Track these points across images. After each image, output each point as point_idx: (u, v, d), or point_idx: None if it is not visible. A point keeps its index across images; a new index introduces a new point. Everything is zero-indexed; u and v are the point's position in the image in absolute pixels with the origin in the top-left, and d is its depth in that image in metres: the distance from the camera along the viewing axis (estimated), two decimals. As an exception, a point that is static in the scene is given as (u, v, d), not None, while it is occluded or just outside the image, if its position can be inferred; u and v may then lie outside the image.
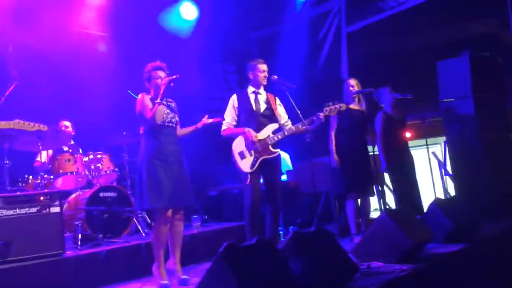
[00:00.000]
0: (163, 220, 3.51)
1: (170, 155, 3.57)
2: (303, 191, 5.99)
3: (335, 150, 4.79)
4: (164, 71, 3.70)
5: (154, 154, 3.52)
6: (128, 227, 4.71)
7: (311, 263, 2.64)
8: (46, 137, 4.48)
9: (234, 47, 8.21)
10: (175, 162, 3.59)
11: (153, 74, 3.68)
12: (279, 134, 4.18)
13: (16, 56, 5.55)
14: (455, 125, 5.54)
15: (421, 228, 3.84)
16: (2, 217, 3.68)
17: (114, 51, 6.33)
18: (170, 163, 3.55)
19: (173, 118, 3.68)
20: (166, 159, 3.54)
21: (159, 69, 3.70)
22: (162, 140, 3.57)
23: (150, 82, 3.71)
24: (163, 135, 3.59)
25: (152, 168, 3.49)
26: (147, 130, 3.61)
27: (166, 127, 3.61)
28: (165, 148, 3.56)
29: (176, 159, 3.60)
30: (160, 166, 3.50)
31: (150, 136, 3.59)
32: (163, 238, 3.55)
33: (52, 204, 3.86)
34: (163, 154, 3.53)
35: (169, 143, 3.60)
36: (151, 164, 3.50)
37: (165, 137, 3.59)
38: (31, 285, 3.52)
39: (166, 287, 3.48)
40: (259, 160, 4.12)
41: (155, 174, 3.47)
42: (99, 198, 4.58)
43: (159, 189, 3.45)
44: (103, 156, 5.06)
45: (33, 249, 3.71)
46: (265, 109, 4.28)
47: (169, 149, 3.58)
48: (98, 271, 3.89)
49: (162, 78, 3.65)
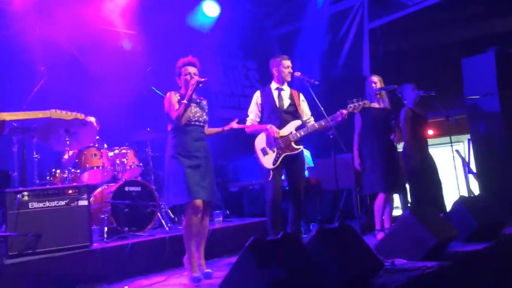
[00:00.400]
0: (194, 212, 3.50)
1: (197, 151, 3.57)
2: (324, 188, 5.99)
3: (358, 154, 4.78)
4: (196, 67, 3.70)
5: (181, 150, 3.54)
6: (152, 221, 4.78)
7: (336, 259, 2.66)
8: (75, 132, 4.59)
9: (255, 44, 8.23)
10: (202, 158, 3.59)
11: (183, 70, 3.67)
12: (302, 130, 4.19)
13: (43, 52, 5.67)
14: (480, 122, 5.48)
15: (445, 225, 3.81)
16: (32, 210, 3.78)
17: (138, 48, 6.41)
18: (197, 159, 3.56)
19: (201, 117, 3.68)
20: (193, 156, 3.55)
21: (189, 64, 3.68)
22: (188, 137, 3.58)
23: (180, 77, 3.71)
24: (190, 132, 3.60)
25: (179, 164, 3.50)
26: (174, 128, 3.63)
27: (193, 125, 3.62)
28: (191, 145, 3.57)
29: (203, 156, 3.60)
30: (186, 162, 3.51)
31: (177, 133, 3.61)
32: (194, 230, 3.55)
33: (80, 198, 3.95)
34: (190, 151, 3.55)
35: (196, 140, 3.60)
36: (177, 160, 3.52)
37: (192, 135, 3.60)
38: (59, 276, 3.61)
39: (197, 279, 3.47)
40: (281, 157, 4.13)
41: (181, 170, 3.48)
42: (124, 192, 4.66)
43: (186, 183, 3.45)
44: (128, 151, 5.15)
45: (62, 241, 3.80)
46: (288, 105, 4.28)
47: (195, 146, 3.59)
48: (123, 264, 3.97)
49: (192, 74, 3.64)
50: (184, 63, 3.68)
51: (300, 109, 4.32)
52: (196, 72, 3.68)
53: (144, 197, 4.78)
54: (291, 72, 4.33)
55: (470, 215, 4.08)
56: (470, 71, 5.58)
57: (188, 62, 3.68)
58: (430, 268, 3.17)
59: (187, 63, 3.68)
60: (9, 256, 3.58)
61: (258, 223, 5.19)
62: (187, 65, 3.67)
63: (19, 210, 3.71)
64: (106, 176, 5.03)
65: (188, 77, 3.63)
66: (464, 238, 4.00)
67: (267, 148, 4.17)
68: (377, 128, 4.77)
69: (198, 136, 3.64)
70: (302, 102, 4.38)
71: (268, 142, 4.18)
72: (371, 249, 3.06)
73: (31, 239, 3.68)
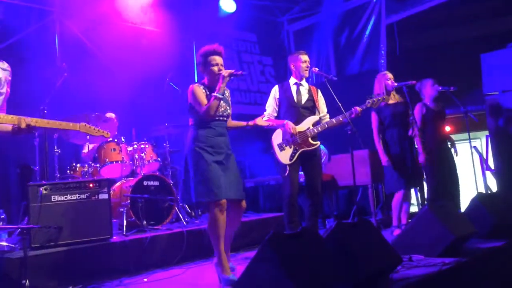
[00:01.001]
0: (220, 211, 3.28)
1: (220, 147, 3.40)
2: (340, 184, 5.99)
3: (383, 149, 4.75)
4: (222, 56, 3.46)
5: (204, 145, 3.35)
6: (170, 215, 4.84)
7: (355, 253, 2.68)
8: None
9: (271, 40, 8.24)
10: (226, 154, 3.42)
11: (210, 59, 3.41)
12: (319, 126, 4.19)
13: (64, 48, 5.77)
14: (499, 119, 5.42)
15: (463, 222, 3.80)
16: (55, 203, 3.86)
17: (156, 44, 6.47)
18: (219, 155, 3.38)
19: (225, 111, 3.48)
20: (217, 151, 3.37)
21: (216, 54, 3.43)
22: (212, 132, 3.40)
23: (205, 67, 3.45)
24: (214, 127, 3.41)
25: (201, 160, 3.31)
26: (197, 122, 3.43)
27: (217, 120, 3.43)
28: (215, 140, 3.39)
29: (225, 151, 3.42)
30: (210, 158, 3.32)
31: (200, 128, 3.40)
32: (221, 231, 3.30)
33: (101, 191, 4.02)
34: (213, 146, 3.37)
35: (219, 135, 3.43)
36: (200, 156, 3.32)
37: (216, 130, 3.42)
38: (80, 267, 3.69)
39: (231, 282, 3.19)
40: (298, 152, 4.15)
41: (204, 165, 3.30)
42: (143, 186, 4.72)
43: (208, 181, 3.26)
44: (146, 146, 5.22)
45: (83, 234, 3.88)
46: (306, 100, 4.30)
47: (219, 141, 3.41)
48: (142, 257, 4.03)
49: (220, 65, 3.42)
50: (211, 52, 3.43)
51: (318, 105, 4.33)
52: (222, 63, 3.45)
53: (162, 191, 4.83)
54: (308, 67, 4.34)
55: (488, 212, 4.06)
56: (489, 67, 5.52)
57: (214, 51, 3.43)
58: (447, 264, 3.16)
59: (213, 52, 3.43)
60: (32, 247, 3.66)
61: (274, 218, 5.22)
62: (214, 54, 3.42)
63: (42, 203, 3.79)
64: (125, 171, 5.10)
65: (216, 68, 3.41)
66: (482, 235, 3.98)
67: (283, 144, 4.19)
68: (393, 124, 4.76)
69: (221, 131, 3.46)
70: (320, 98, 4.39)
71: (284, 137, 4.20)
72: (389, 244, 3.07)
73: (53, 232, 3.77)
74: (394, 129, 4.78)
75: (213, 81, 3.44)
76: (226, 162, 3.39)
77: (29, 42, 5.50)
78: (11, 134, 2.84)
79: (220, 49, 3.45)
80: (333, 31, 7.76)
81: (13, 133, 2.82)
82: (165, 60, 6.07)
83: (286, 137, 4.19)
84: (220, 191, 3.26)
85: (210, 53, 3.43)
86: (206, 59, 3.43)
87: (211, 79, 3.45)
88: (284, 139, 4.20)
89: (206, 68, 3.45)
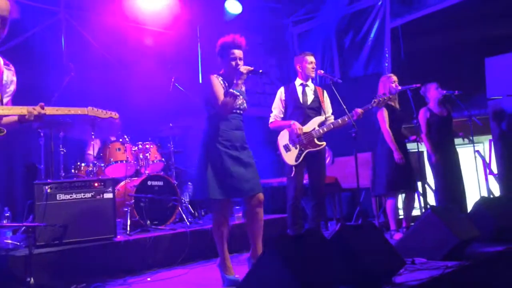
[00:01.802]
0: (221, 211, 3.26)
1: (237, 140, 3.29)
2: (343, 186, 6.00)
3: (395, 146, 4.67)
4: (242, 50, 3.34)
5: (220, 140, 3.24)
6: (173, 215, 4.86)
7: (358, 256, 2.69)
8: (100, 126, 4.69)
9: (276, 41, 8.26)
10: (243, 148, 3.31)
11: (231, 52, 3.29)
12: (325, 127, 4.21)
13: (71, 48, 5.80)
14: (502, 123, 5.43)
15: (467, 226, 3.81)
16: (60, 201, 3.88)
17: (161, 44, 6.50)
18: (237, 149, 3.27)
19: (242, 104, 3.36)
20: (233, 145, 3.26)
21: (237, 47, 3.31)
22: (229, 125, 3.28)
23: (224, 59, 3.33)
24: (231, 120, 3.30)
25: (217, 155, 3.21)
26: (213, 115, 3.31)
27: (234, 113, 3.33)
28: (232, 134, 3.28)
29: (242, 146, 3.32)
30: (226, 153, 3.22)
31: (216, 121, 3.28)
32: (223, 230, 3.28)
33: (106, 190, 4.04)
34: (231, 140, 3.26)
35: (236, 128, 3.32)
36: (216, 150, 3.22)
37: (233, 123, 3.30)
38: (84, 266, 3.70)
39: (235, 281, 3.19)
40: (304, 153, 4.17)
41: (220, 161, 3.20)
42: (147, 186, 4.75)
43: (223, 177, 3.18)
44: (150, 146, 5.24)
45: (87, 232, 3.90)
46: (312, 101, 4.32)
47: (236, 135, 3.30)
48: (145, 256, 4.06)
49: (238, 59, 3.30)
50: (229, 44, 3.31)
51: (324, 105, 4.35)
52: (242, 56, 3.33)
53: (166, 191, 4.86)
54: (314, 68, 4.36)
55: (491, 216, 4.07)
56: (493, 71, 5.54)
57: (234, 43, 3.31)
58: (450, 267, 3.18)
59: (232, 44, 3.30)
60: (37, 246, 3.68)
61: (278, 219, 5.23)
62: (233, 47, 3.30)
63: (47, 202, 3.81)
64: (130, 170, 5.12)
65: (234, 62, 3.30)
66: (485, 239, 3.99)
67: (289, 145, 4.21)
68: (393, 127, 4.77)
69: (238, 124, 3.34)
70: (326, 99, 4.41)
71: (290, 138, 4.22)
72: (393, 246, 3.08)
73: (58, 230, 3.78)
74: (395, 130, 4.79)
75: (230, 73, 3.33)
76: (242, 157, 3.28)
77: (36, 41, 5.53)
78: (19, 123, 2.83)
79: (240, 41, 3.32)
80: (337, 34, 7.77)
81: (20, 121, 2.81)
82: (170, 60, 6.10)
83: (292, 138, 4.20)
84: (229, 189, 3.18)
85: (228, 45, 3.30)
86: (225, 51, 3.32)
87: (228, 71, 3.34)
88: (290, 139, 4.22)
89: (223, 60, 3.34)
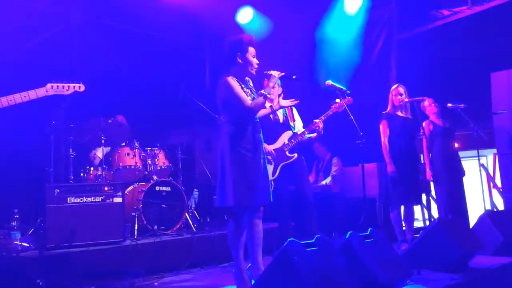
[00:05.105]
0: (242, 219, 3.16)
1: (258, 144, 3.17)
2: (348, 196, 6.03)
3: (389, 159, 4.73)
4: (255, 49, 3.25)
5: (243, 143, 3.09)
6: (180, 221, 4.90)
7: (366, 264, 2.73)
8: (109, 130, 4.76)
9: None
10: (262, 153, 3.19)
11: (251, 50, 3.19)
12: (292, 139, 4.37)
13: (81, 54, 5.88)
14: (507, 137, 5.48)
15: (472, 238, 3.84)
16: (70, 204, 3.94)
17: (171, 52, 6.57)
18: (258, 153, 3.14)
19: None
20: (255, 149, 3.13)
21: (253, 45, 3.21)
22: (251, 128, 3.15)
23: (242, 55, 3.18)
24: (253, 124, 3.19)
25: (241, 160, 3.06)
26: (235, 118, 3.14)
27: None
28: (254, 137, 3.14)
29: (262, 150, 3.20)
30: (249, 157, 3.08)
31: (239, 124, 3.13)
32: (242, 240, 3.19)
33: (115, 195, 4.10)
34: (252, 144, 3.12)
35: (257, 131, 3.19)
36: (239, 155, 3.06)
37: (253, 126, 3.18)
38: (92, 269, 3.74)
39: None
40: (279, 167, 4.30)
41: (244, 166, 3.06)
42: (155, 191, 4.80)
43: (247, 184, 3.04)
44: (159, 152, 5.29)
45: (96, 236, 3.96)
46: (283, 118, 4.42)
47: (257, 138, 3.16)
48: (153, 261, 4.10)
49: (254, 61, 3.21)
50: (249, 42, 3.20)
51: (293, 121, 4.48)
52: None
53: (174, 197, 4.91)
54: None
55: (496, 229, 4.10)
56: (499, 85, 5.60)
57: (253, 42, 3.22)
58: (455, 279, 3.21)
59: (251, 43, 3.21)
60: (47, 248, 3.73)
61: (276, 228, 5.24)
62: (251, 45, 3.21)
63: (58, 204, 3.88)
64: (138, 175, 5.18)
65: (255, 60, 3.20)
66: (490, 252, 4.02)
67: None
68: (400, 137, 4.80)
69: (259, 128, 3.23)
70: (295, 114, 4.53)
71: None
72: (400, 257, 3.12)
73: (68, 233, 3.84)
74: (401, 141, 4.81)
75: (243, 72, 3.22)
76: (262, 162, 3.18)
77: (45, 47, 5.60)
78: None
79: (255, 40, 3.26)
80: (343, 45, 7.83)
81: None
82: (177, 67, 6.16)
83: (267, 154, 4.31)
84: (253, 196, 3.06)
85: (248, 42, 3.20)
86: (248, 48, 3.18)
87: (241, 70, 3.21)
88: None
89: (242, 57, 3.18)
